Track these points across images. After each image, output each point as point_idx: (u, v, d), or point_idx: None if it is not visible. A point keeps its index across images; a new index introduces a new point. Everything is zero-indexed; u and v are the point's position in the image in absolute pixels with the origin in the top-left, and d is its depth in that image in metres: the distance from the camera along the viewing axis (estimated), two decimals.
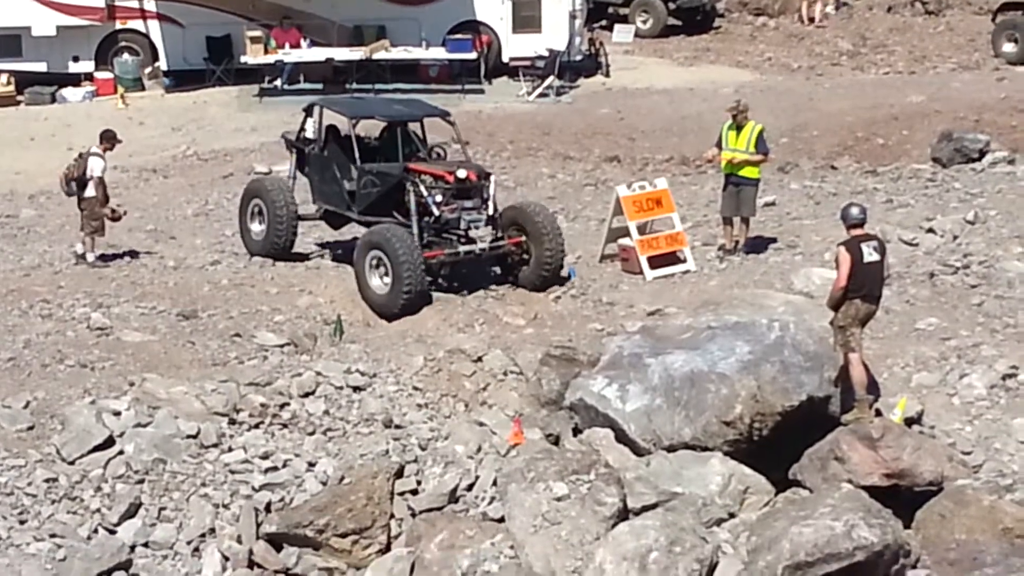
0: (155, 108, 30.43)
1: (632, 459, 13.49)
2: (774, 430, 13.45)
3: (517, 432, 13.96)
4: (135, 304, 17.40)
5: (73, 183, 19.19)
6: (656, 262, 18.83)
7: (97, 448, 13.47)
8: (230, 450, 13.74)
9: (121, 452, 13.50)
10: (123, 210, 19.98)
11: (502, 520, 12.87)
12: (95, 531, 12.80)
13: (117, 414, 13.93)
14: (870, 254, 13.83)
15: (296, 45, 31.41)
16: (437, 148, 19.59)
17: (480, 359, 15.30)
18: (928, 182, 22.18)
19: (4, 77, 31.16)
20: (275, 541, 13.06)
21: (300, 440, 13.99)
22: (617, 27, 37.13)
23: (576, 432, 14.17)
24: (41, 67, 31.48)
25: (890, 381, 14.80)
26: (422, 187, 18.14)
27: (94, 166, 19.06)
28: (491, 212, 18.36)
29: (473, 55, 31.48)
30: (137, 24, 31.88)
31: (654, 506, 12.80)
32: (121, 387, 14.68)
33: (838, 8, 39.83)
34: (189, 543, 12.89)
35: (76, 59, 31.74)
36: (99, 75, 31.55)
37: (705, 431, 13.46)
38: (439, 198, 18.05)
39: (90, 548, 12.53)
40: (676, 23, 38.43)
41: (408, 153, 19.05)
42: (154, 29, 31.92)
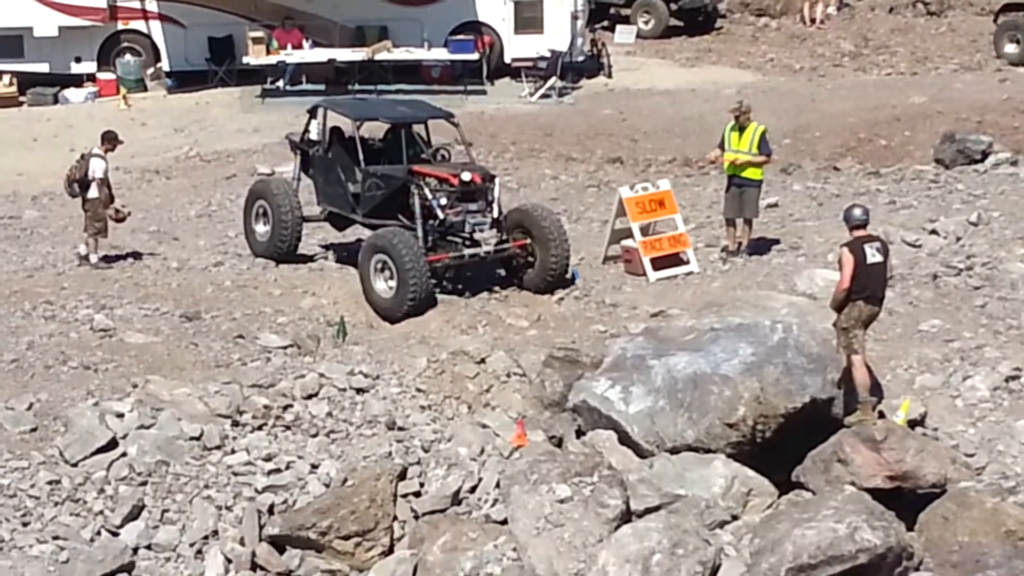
0: (157, 109, 30.41)
1: (635, 461, 13.49)
2: (777, 432, 13.46)
3: (520, 434, 13.94)
4: (138, 305, 17.39)
5: (76, 185, 19.22)
6: (659, 263, 18.83)
7: (100, 450, 13.47)
8: (233, 452, 13.73)
9: (124, 454, 13.50)
10: (127, 211, 19.97)
11: (505, 522, 12.88)
12: (98, 533, 12.79)
13: (120, 416, 13.93)
14: (873, 255, 13.82)
15: (298, 46, 31.38)
16: (442, 150, 19.54)
17: (483, 361, 15.30)
18: (931, 183, 22.18)
19: (6, 78, 31.12)
20: (278, 543, 13.05)
21: (303, 442, 13.98)
22: (619, 28, 37.12)
23: (579, 434, 14.17)
24: (43, 68, 31.44)
25: (893, 383, 14.80)
26: (426, 190, 18.07)
27: (95, 167, 19.05)
28: (496, 215, 18.29)
29: (475, 56, 31.46)
30: (139, 25, 31.85)
31: (657, 508, 12.81)
32: (124, 389, 14.67)
33: (840, 9, 39.81)
34: (192, 545, 12.87)
35: (78, 60, 31.70)
36: (101, 76, 31.52)
37: (708, 433, 13.46)
38: (443, 201, 17.98)
39: (93, 550, 12.52)
40: (678, 24, 38.38)
41: (412, 155, 18.98)
42: (156, 30, 31.90)
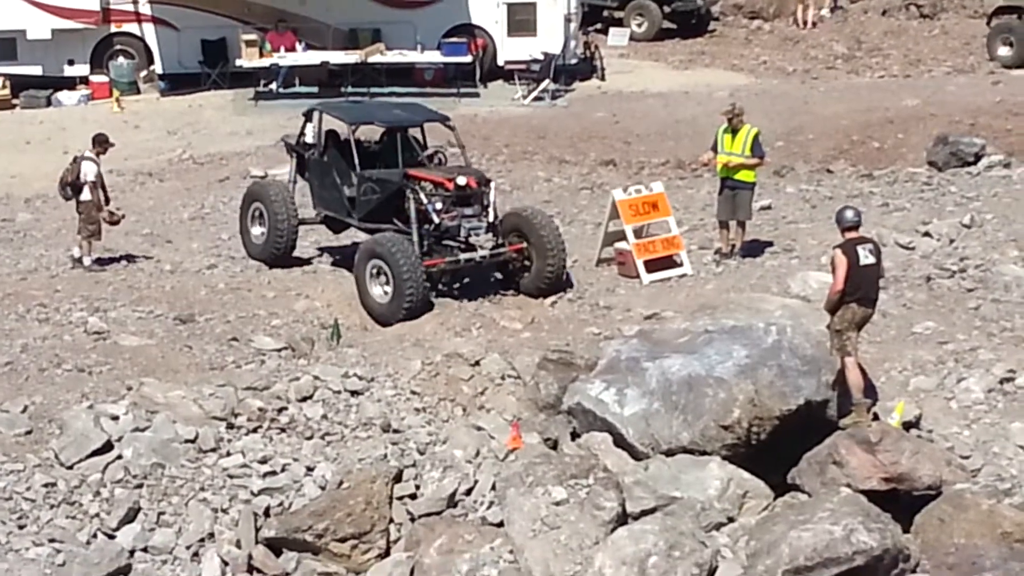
0: (150, 112, 30.40)
1: (630, 463, 13.50)
2: (772, 434, 13.47)
3: (515, 436, 13.93)
4: (132, 308, 17.37)
5: (68, 188, 19.22)
6: (653, 266, 18.84)
7: (95, 453, 13.44)
8: (228, 455, 13.71)
9: (119, 457, 13.46)
10: (121, 213, 19.94)
11: (501, 524, 12.88)
12: (94, 536, 12.76)
13: (115, 418, 13.90)
14: (866, 257, 13.84)
15: (291, 48, 31.40)
16: (438, 154, 19.50)
17: (478, 363, 15.29)
18: (924, 186, 22.21)
19: None
20: (274, 546, 13.04)
21: (298, 444, 13.96)
22: (612, 30, 37.13)
23: (574, 436, 14.17)
24: (36, 71, 31.45)
25: (888, 385, 14.82)
26: (422, 194, 18.02)
27: (87, 170, 19.04)
28: (491, 219, 18.26)
29: (468, 58, 31.48)
30: (132, 27, 31.86)
31: (653, 510, 12.80)
32: (119, 391, 14.65)
33: (833, 11, 39.86)
34: (188, 548, 12.85)
35: (71, 62, 31.71)
36: (94, 78, 31.52)
37: (703, 435, 13.47)
38: (439, 205, 17.93)
39: (89, 553, 12.50)
40: (671, 27, 38.39)
41: (408, 159, 18.87)
42: (149, 32, 31.90)
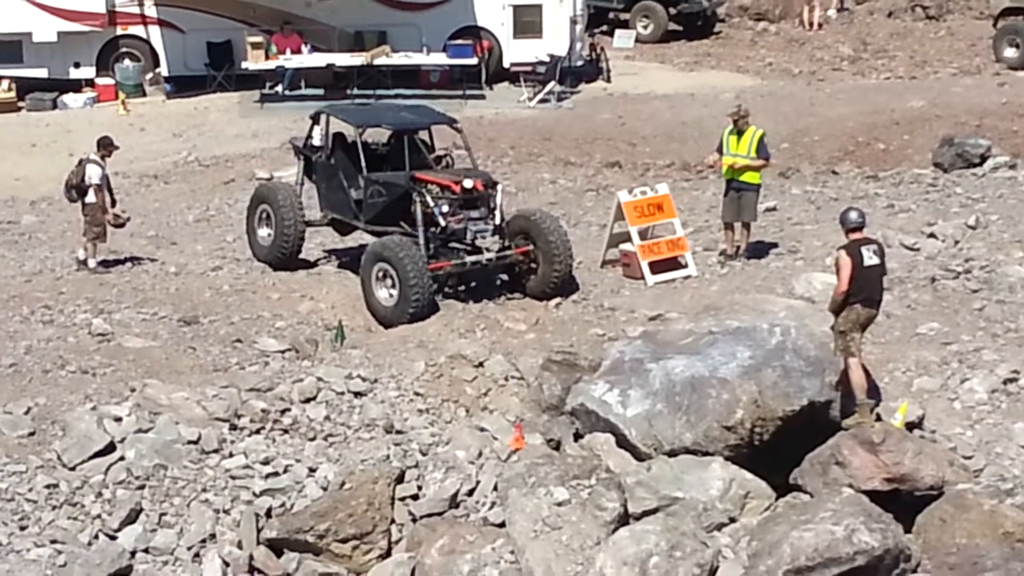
0: (156, 114, 30.41)
1: (633, 464, 13.49)
2: (775, 435, 13.46)
3: (518, 437, 13.93)
4: (136, 310, 17.40)
5: (73, 190, 19.26)
6: (657, 267, 18.83)
7: (98, 454, 13.46)
8: (231, 456, 13.72)
9: (122, 458, 13.48)
10: (126, 216, 19.97)
11: (503, 525, 12.88)
12: (96, 537, 12.77)
13: (118, 420, 13.92)
14: (870, 258, 13.83)
15: (297, 51, 31.41)
16: (446, 156, 19.45)
17: (481, 364, 15.28)
18: (929, 187, 22.18)
19: (5, 83, 31.12)
20: (276, 546, 13.05)
21: (301, 445, 13.97)
22: (618, 32, 37.08)
23: (577, 437, 14.17)
24: (42, 73, 31.45)
25: (891, 386, 14.80)
26: (428, 197, 17.99)
27: (92, 173, 19.08)
28: (498, 221, 18.21)
29: (474, 60, 31.44)
30: (138, 30, 31.85)
31: (655, 511, 12.80)
32: (122, 393, 14.68)
33: (840, 11, 39.81)
34: (190, 549, 12.86)
35: (77, 65, 31.70)
36: (100, 81, 31.52)
37: (706, 436, 13.46)
38: (445, 208, 17.88)
39: (91, 554, 12.52)
40: (677, 28, 38.41)
41: (415, 162, 18.77)
42: (155, 35, 31.90)
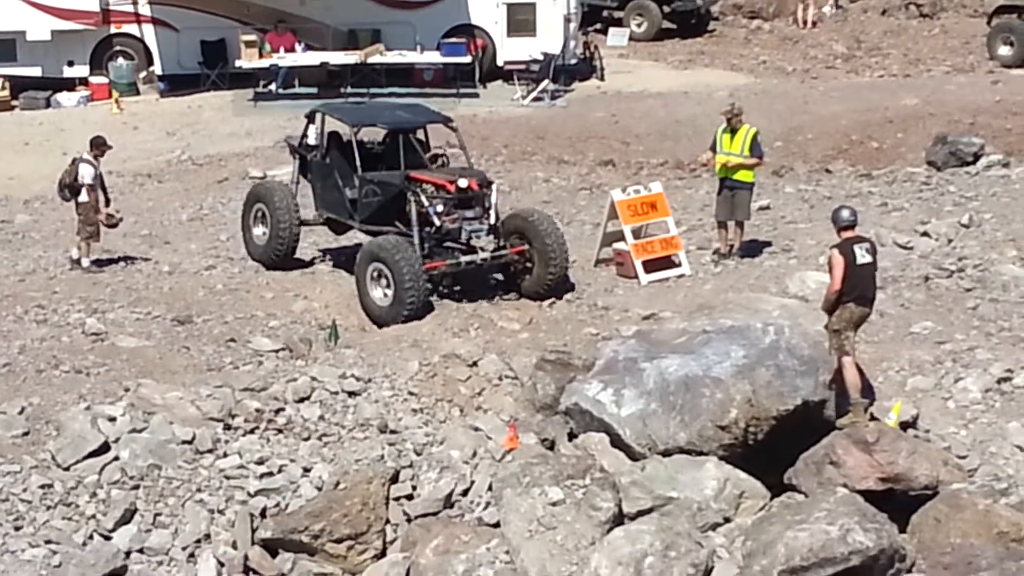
0: (150, 113, 30.39)
1: (627, 464, 13.50)
2: (769, 434, 13.47)
3: (512, 437, 13.94)
4: (130, 309, 17.37)
5: (66, 189, 19.25)
6: (651, 266, 18.84)
7: (92, 454, 13.43)
8: (225, 456, 13.69)
9: (116, 458, 13.46)
10: (119, 216, 19.92)
11: (497, 525, 12.88)
12: (90, 537, 12.76)
13: (112, 420, 13.89)
14: (863, 256, 13.84)
15: (291, 49, 31.38)
16: (442, 156, 19.45)
17: (475, 364, 15.27)
18: (923, 185, 22.21)
19: None
20: (270, 547, 13.04)
21: (295, 445, 13.96)
22: (612, 31, 37.12)
23: (571, 437, 14.17)
24: (36, 72, 31.43)
25: (885, 385, 14.81)
26: (423, 196, 17.97)
27: (84, 173, 19.04)
28: (493, 221, 18.20)
29: (468, 59, 31.45)
30: (132, 28, 31.84)
31: (649, 511, 12.80)
32: (116, 392, 14.65)
33: (837, 8, 39.79)
34: (184, 549, 12.85)
35: (71, 64, 31.69)
36: (94, 80, 31.49)
37: (700, 435, 13.47)
38: (440, 208, 17.87)
39: (85, 554, 12.50)
40: (671, 26, 38.40)
41: (410, 161, 18.74)
42: (149, 33, 31.88)
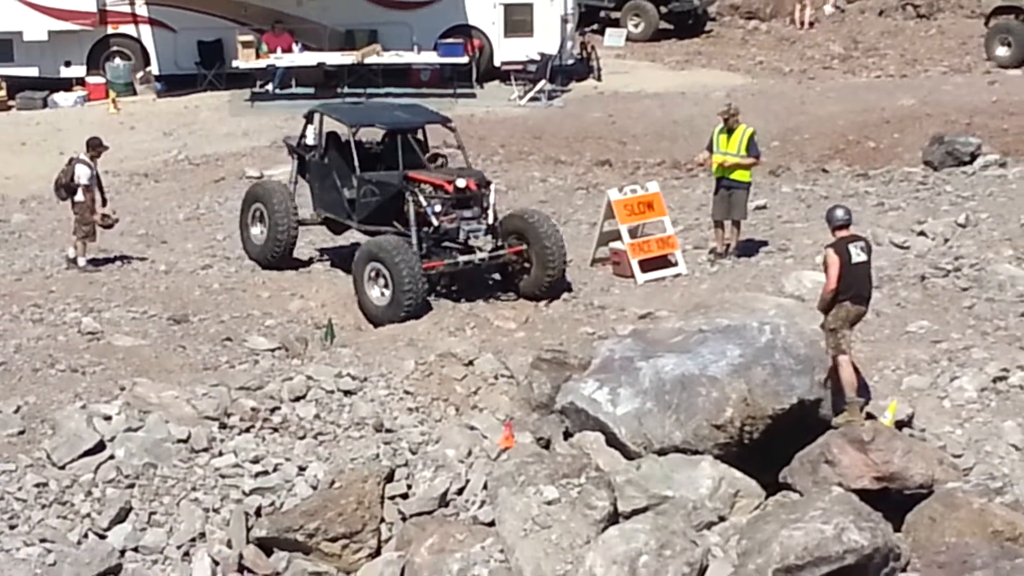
0: (147, 113, 30.40)
1: (622, 463, 13.48)
2: (765, 433, 13.46)
3: (508, 436, 13.92)
4: (126, 308, 17.38)
5: (63, 189, 19.27)
6: (647, 265, 18.85)
7: (87, 453, 13.44)
8: (220, 454, 13.70)
9: (111, 457, 13.46)
10: (116, 217, 19.93)
11: (492, 524, 12.86)
12: (85, 536, 12.75)
13: (108, 419, 13.89)
14: (858, 255, 13.83)
15: (288, 49, 31.43)
16: (441, 156, 19.43)
17: (471, 363, 15.26)
18: (919, 185, 22.21)
19: None
20: (265, 545, 13.03)
21: (291, 444, 13.95)
22: (609, 31, 37.14)
23: (567, 436, 14.16)
24: (33, 72, 31.44)
25: (881, 384, 14.81)
26: (421, 196, 17.98)
27: (80, 173, 19.07)
28: (491, 221, 18.21)
29: (465, 59, 31.47)
30: (129, 29, 31.86)
31: (644, 509, 12.78)
32: (112, 392, 14.66)
33: (834, 10, 39.79)
34: (179, 548, 12.83)
35: (68, 64, 31.69)
36: (91, 80, 31.51)
37: (696, 434, 13.46)
38: (438, 208, 17.89)
39: (80, 553, 12.49)
40: (668, 27, 38.41)
41: (409, 161, 18.75)
42: (146, 34, 31.90)
